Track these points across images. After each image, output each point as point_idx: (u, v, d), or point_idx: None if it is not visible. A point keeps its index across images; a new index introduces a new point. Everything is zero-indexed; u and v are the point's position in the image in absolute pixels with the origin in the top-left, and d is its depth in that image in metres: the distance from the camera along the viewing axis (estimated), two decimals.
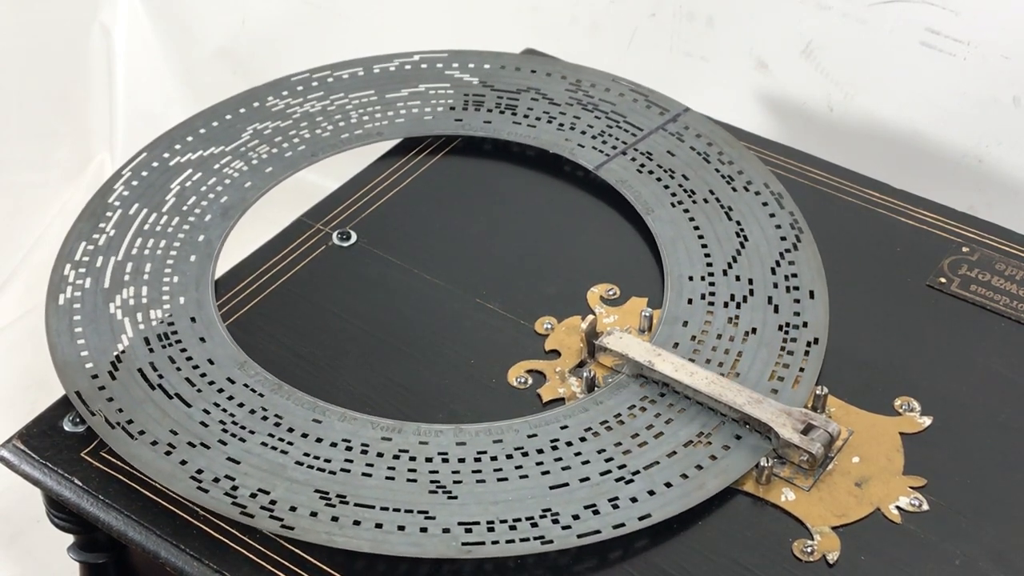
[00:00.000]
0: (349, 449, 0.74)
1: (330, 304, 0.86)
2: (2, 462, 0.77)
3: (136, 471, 0.74)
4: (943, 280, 0.86)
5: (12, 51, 1.35)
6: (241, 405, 0.77)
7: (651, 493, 0.72)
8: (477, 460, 0.74)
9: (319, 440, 0.75)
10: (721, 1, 1.17)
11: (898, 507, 0.72)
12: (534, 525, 0.70)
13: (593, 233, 0.91)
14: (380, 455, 0.74)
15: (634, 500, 0.71)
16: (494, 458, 0.74)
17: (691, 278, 0.86)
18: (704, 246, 0.88)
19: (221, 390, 0.78)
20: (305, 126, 0.97)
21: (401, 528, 0.70)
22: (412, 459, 0.74)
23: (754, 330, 0.82)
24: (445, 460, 0.74)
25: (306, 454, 0.74)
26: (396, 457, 0.74)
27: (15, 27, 1.35)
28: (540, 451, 0.74)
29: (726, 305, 0.84)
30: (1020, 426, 0.77)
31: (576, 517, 0.71)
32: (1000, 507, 0.72)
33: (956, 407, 0.78)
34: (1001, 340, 0.82)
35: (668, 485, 0.72)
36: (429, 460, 0.74)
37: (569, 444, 0.75)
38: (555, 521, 0.70)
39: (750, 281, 0.86)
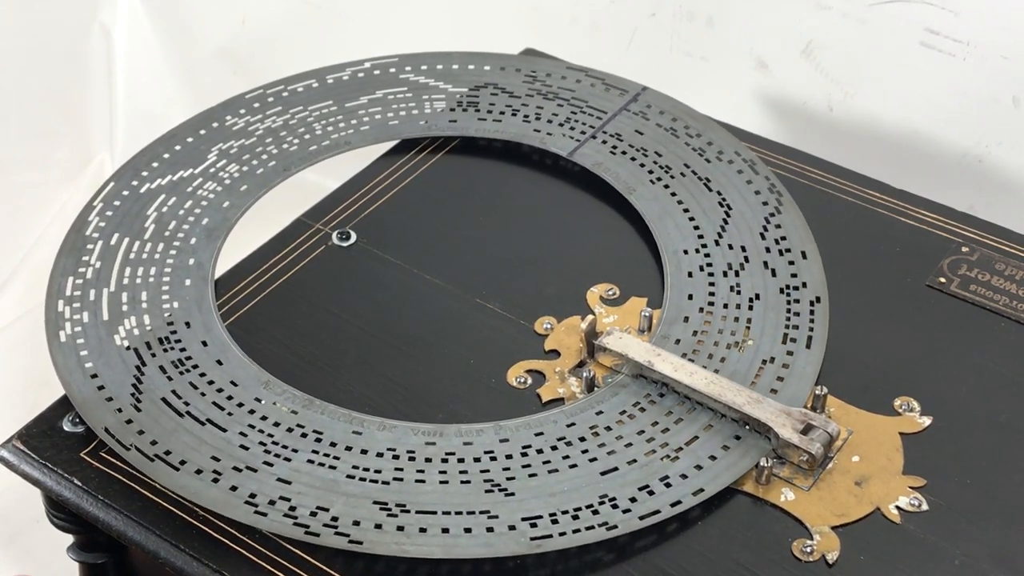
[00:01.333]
0: (396, 457, 0.74)
1: (330, 304, 0.86)
2: (2, 462, 0.77)
3: (136, 471, 0.74)
4: (943, 280, 0.86)
5: (12, 51, 1.35)
6: (277, 424, 0.76)
7: (698, 468, 0.73)
8: (524, 455, 0.74)
9: (364, 452, 0.74)
10: (721, 1, 1.17)
11: (898, 507, 0.72)
12: (595, 512, 0.71)
13: (593, 233, 0.91)
14: (428, 460, 0.74)
15: (684, 476, 0.73)
16: (539, 451, 0.74)
17: (686, 251, 0.88)
18: (692, 219, 0.90)
19: (252, 411, 0.77)
20: (271, 142, 0.96)
21: (468, 530, 0.70)
22: (460, 460, 0.74)
23: (757, 296, 0.84)
24: (493, 458, 0.74)
25: (355, 467, 0.73)
26: (444, 460, 0.74)
27: (15, 27, 1.35)
28: (582, 439, 0.75)
29: (725, 275, 0.86)
30: (1020, 426, 0.77)
31: (633, 500, 0.72)
32: (1000, 507, 0.72)
33: (956, 407, 0.78)
34: (1001, 340, 0.82)
35: (713, 458, 0.74)
36: (477, 460, 0.74)
37: (609, 428, 0.76)
38: (614, 506, 0.71)
39: (743, 248, 0.88)
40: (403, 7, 1.34)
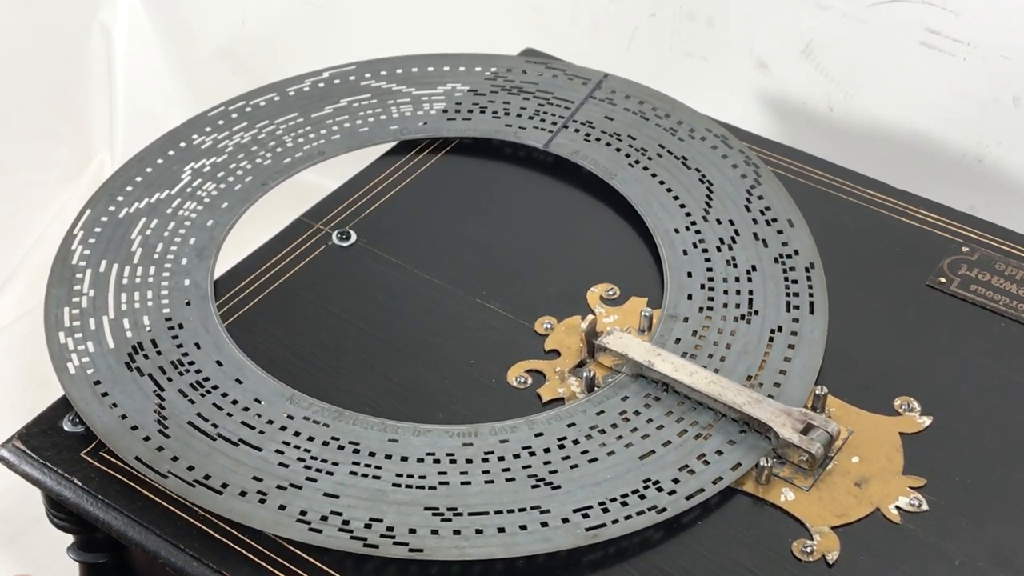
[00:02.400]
0: (437, 461, 0.74)
1: (330, 304, 0.86)
2: (2, 462, 0.77)
3: (135, 471, 0.74)
4: (943, 280, 0.86)
5: (12, 51, 1.35)
6: (311, 439, 0.75)
7: (732, 443, 0.74)
8: (560, 447, 0.75)
9: (404, 459, 0.74)
10: (721, 1, 1.17)
11: (898, 507, 0.72)
12: (642, 497, 0.72)
13: (593, 233, 0.91)
14: (469, 461, 0.74)
15: (719, 453, 0.74)
16: (575, 441, 0.75)
17: (676, 230, 0.89)
18: (676, 198, 0.92)
19: (284, 427, 0.76)
20: (243, 157, 0.95)
21: (523, 527, 0.70)
22: (500, 459, 0.74)
23: (753, 267, 0.86)
24: (532, 453, 0.74)
25: (398, 474, 0.73)
26: (484, 460, 0.74)
27: (15, 27, 1.35)
28: (614, 425, 0.76)
29: (719, 249, 0.87)
30: (1020, 426, 0.77)
31: (676, 480, 0.72)
32: (1000, 507, 0.72)
33: (956, 407, 0.78)
34: (1001, 340, 0.82)
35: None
36: (516, 456, 0.74)
37: (638, 413, 0.76)
38: (659, 488, 0.72)
39: (731, 222, 0.89)
40: (403, 7, 1.34)
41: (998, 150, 1.10)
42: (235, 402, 0.77)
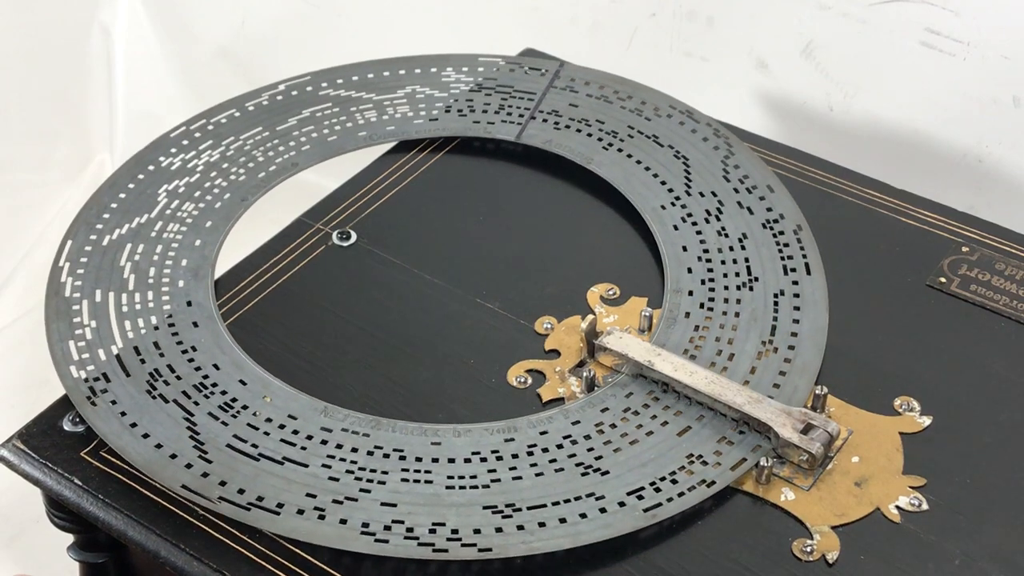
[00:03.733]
0: (484, 460, 0.74)
1: (330, 304, 0.86)
2: (2, 462, 0.77)
3: (135, 470, 0.74)
4: (943, 280, 0.86)
5: (12, 51, 1.36)
6: (355, 450, 0.74)
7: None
8: (600, 432, 0.75)
9: (451, 460, 0.74)
10: (721, 1, 1.17)
11: (898, 507, 0.72)
12: (689, 473, 0.73)
13: (593, 233, 0.91)
14: (515, 456, 0.74)
15: (741, 432, 0.75)
16: (612, 426, 0.76)
17: (663, 207, 0.91)
18: (655, 176, 0.93)
19: (324, 441, 0.75)
20: (216, 175, 0.94)
21: (583, 516, 0.70)
22: (544, 451, 0.74)
23: (744, 235, 0.88)
24: (573, 442, 0.75)
25: (450, 476, 0.73)
26: (529, 453, 0.74)
27: (15, 27, 1.35)
28: (646, 406, 0.76)
29: (707, 221, 0.89)
30: (1020, 426, 0.77)
31: (718, 453, 0.74)
32: (1000, 507, 0.72)
33: (956, 407, 0.78)
34: (1001, 340, 0.82)
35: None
36: (560, 447, 0.74)
37: (657, 399, 0.77)
38: (704, 463, 0.73)
39: (713, 194, 0.91)
40: (403, 7, 1.34)
41: (998, 150, 1.10)
42: (269, 420, 0.76)
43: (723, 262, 0.86)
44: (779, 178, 0.93)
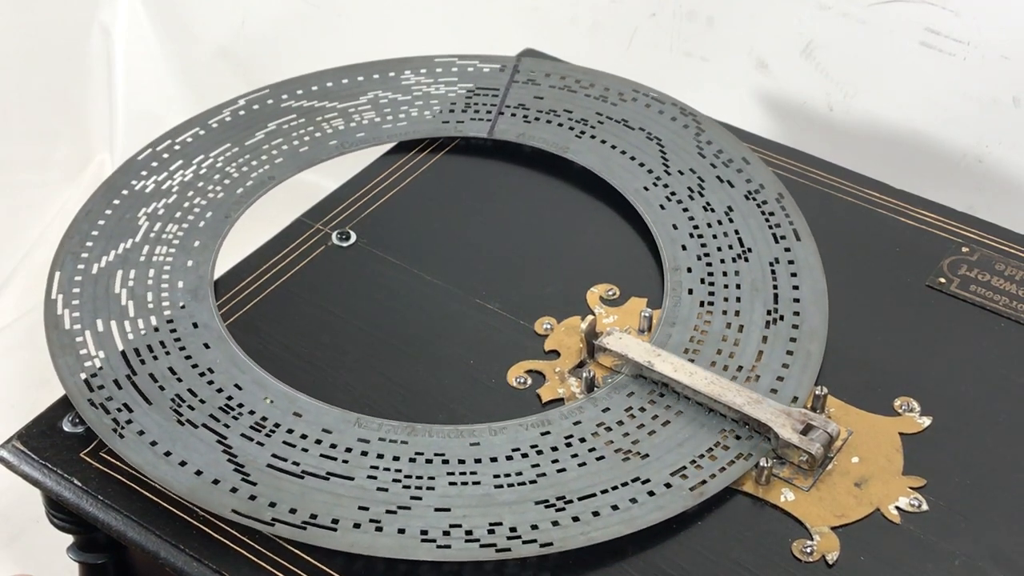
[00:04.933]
0: (525, 456, 0.74)
1: (330, 304, 0.86)
2: (2, 462, 0.77)
3: (135, 471, 0.74)
4: (943, 280, 0.86)
5: (12, 51, 1.36)
6: (396, 458, 0.74)
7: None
8: (632, 417, 0.76)
9: (493, 459, 0.74)
10: (721, 1, 1.17)
11: (898, 507, 0.72)
12: (726, 448, 0.74)
13: (593, 233, 0.91)
14: (555, 448, 0.74)
15: (774, 392, 0.77)
16: (642, 409, 0.76)
17: (646, 188, 0.92)
18: (633, 158, 0.94)
19: (364, 453, 0.74)
20: (192, 195, 0.93)
21: (634, 500, 0.71)
22: (582, 440, 0.75)
23: (730, 208, 0.90)
24: (608, 429, 0.75)
25: (496, 475, 0.73)
26: (567, 445, 0.74)
27: (15, 27, 1.35)
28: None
29: (691, 198, 0.91)
30: (1020, 426, 0.77)
31: (746, 425, 0.75)
32: (1000, 507, 0.72)
33: (956, 407, 0.78)
34: (1001, 340, 0.82)
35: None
36: (595, 435, 0.75)
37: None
38: (737, 437, 0.74)
39: (692, 171, 0.93)
40: (403, 7, 1.34)
41: (998, 150, 1.10)
42: (304, 436, 0.75)
43: (715, 236, 0.87)
44: (781, 180, 0.93)
